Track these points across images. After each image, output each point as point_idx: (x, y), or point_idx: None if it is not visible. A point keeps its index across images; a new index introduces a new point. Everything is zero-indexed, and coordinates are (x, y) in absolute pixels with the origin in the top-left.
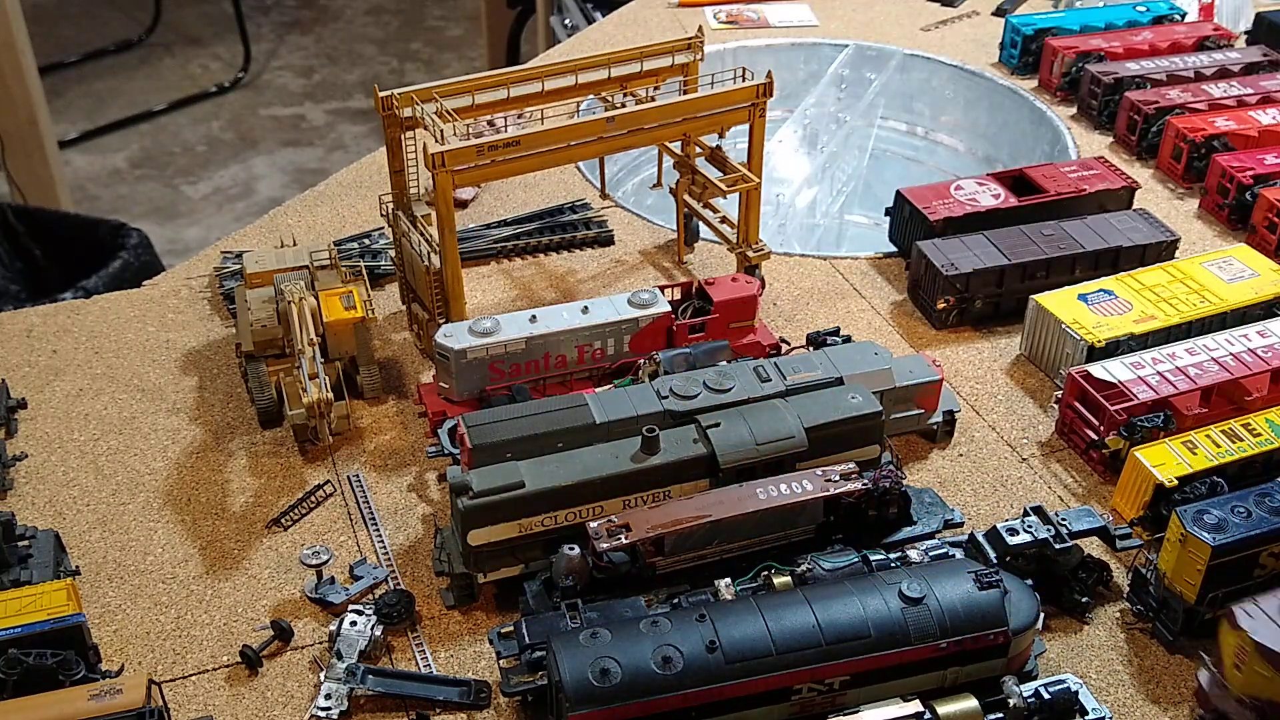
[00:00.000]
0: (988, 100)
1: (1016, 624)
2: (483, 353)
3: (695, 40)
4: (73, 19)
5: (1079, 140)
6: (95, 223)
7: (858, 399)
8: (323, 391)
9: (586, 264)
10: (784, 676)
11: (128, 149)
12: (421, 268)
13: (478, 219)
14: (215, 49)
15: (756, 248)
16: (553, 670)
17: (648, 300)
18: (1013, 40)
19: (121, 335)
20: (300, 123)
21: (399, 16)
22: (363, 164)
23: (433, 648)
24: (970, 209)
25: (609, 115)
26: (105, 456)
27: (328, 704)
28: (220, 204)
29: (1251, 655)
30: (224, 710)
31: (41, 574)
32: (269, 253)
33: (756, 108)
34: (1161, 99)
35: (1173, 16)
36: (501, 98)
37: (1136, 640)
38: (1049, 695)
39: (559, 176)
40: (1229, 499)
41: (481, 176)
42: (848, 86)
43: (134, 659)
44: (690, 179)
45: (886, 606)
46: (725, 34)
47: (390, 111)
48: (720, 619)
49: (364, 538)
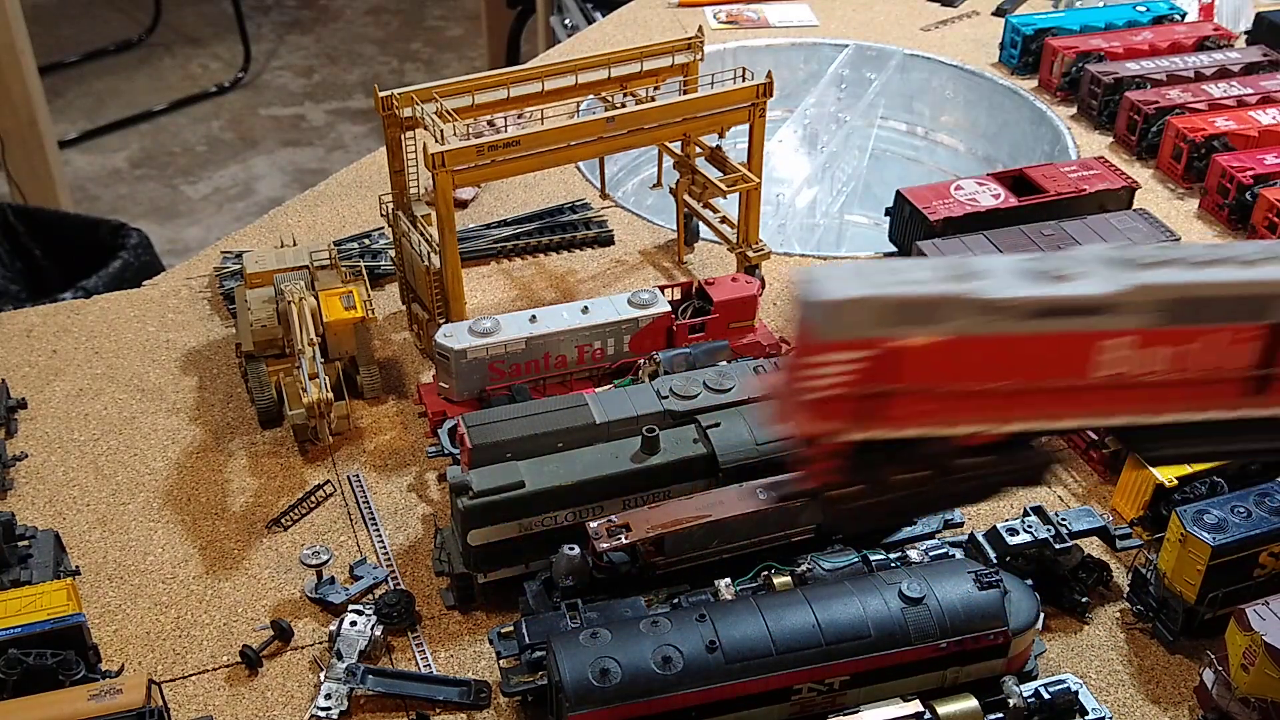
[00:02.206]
0: (988, 100)
1: (1016, 624)
2: (483, 353)
3: (695, 40)
4: (73, 19)
5: (1079, 140)
6: (95, 223)
7: None
8: (323, 391)
9: (586, 264)
10: (784, 676)
11: (128, 149)
12: (421, 268)
13: (478, 219)
14: (215, 49)
15: (756, 248)
16: (553, 670)
17: (648, 300)
18: (1013, 40)
19: (121, 335)
20: (300, 123)
21: (399, 16)
22: (363, 164)
23: (433, 648)
24: (970, 209)
25: (609, 115)
26: (105, 456)
27: (328, 704)
28: (220, 204)
29: (1261, 657)
30: (224, 710)
31: (41, 574)
32: (269, 253)
33: (756, 108)
34: (1161, 99)
35: (1173, 16)
36: (501, 98)
37: (1136, 640)
38: (1049, 695)
39: (559, 176)
40: (1229, 499)
41: (481, 176)
42: (848, 86)
43: (134, 659)
44: (690, 179)
45: (886, 606)
46: (725, 34)
47: (390, 111)
48: (720, 619)
49: (364, 538)
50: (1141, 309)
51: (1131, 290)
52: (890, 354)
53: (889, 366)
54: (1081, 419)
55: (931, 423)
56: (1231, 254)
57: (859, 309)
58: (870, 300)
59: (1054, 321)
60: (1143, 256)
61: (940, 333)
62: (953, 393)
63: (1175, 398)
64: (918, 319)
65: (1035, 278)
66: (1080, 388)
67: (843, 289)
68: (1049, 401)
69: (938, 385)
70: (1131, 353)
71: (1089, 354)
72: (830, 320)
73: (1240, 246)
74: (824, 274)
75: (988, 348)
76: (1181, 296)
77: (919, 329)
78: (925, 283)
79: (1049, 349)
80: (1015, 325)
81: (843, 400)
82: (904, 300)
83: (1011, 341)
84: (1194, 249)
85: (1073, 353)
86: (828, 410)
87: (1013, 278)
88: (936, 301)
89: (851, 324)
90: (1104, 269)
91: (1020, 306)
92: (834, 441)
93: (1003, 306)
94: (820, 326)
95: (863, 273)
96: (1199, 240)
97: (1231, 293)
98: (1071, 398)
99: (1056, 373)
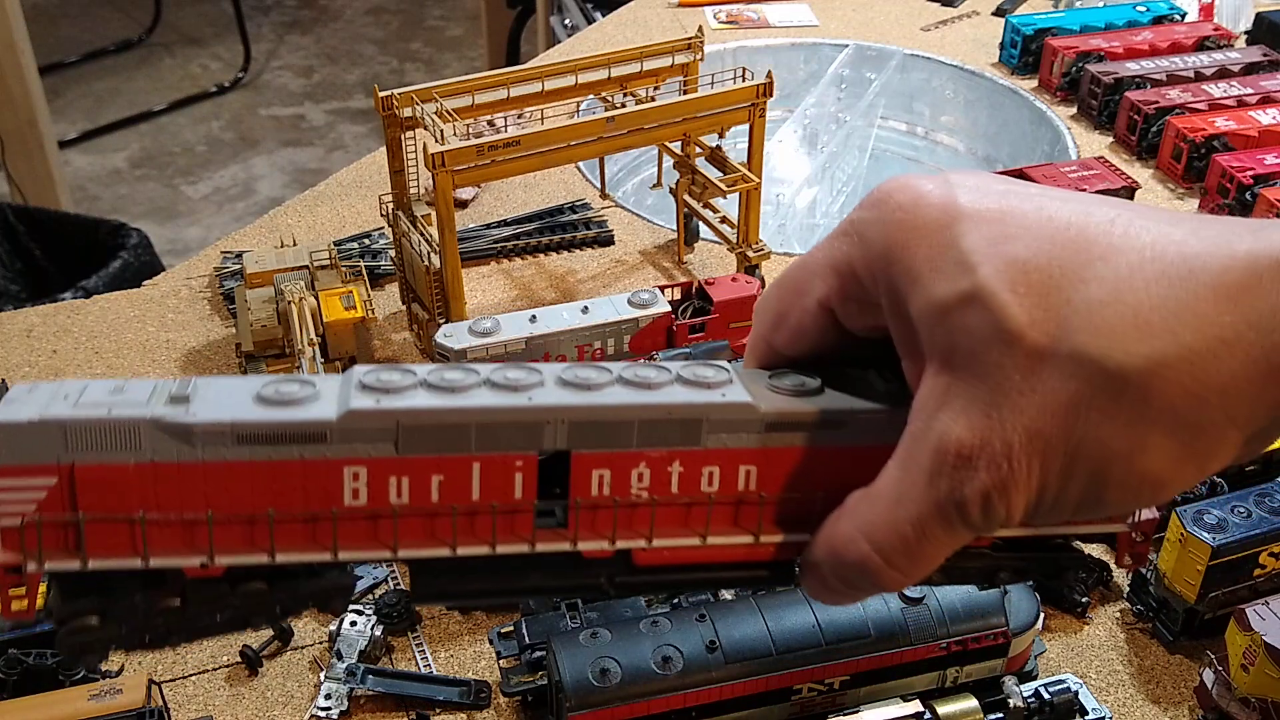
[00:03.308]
0: (988, 100)
1: (1016, 624)
2: (483, 353)
3: (695, 40)
4: (73, 19)
5: (1079, 140)
6: (95, 223)
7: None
8: None
9: (586, 264)
10: (784, 676)
11: (128, 149)
12: (421, 268)
13: (478, 219)
14: (215, 49)
15: (756, 248)
16: (553, 670)
17: (648, 300)
18: (1013, 40)
19: (121, 335)
20: (300, 123)
21: (399, 16)
22: (363, 164)
23: (433, 648)
24: None
25: (609, 115)
26: None
27: (328, 704)
28: (220, 204)
29: (1261, 657)
30: (224, 710)
31: None
32: (269, 253)
33: (756, 108)
34: (1161, 99)
35: (1173, 16)
36: (501, 98)
37: (1136, 640)
38: (1049, 695)
39: (559, 176)
40: (1229, 499)
41: (481, 176)
42: (848, 86)
43: (134, 659)
44: (690, 179)
45: (886, 606)
46: (725, 34)
47: (390, 111)
48: (720, 619)
49: None
50: (370, 436)
51: (347, 416)
52: (82, 480)
53: (82, 493)
54: (326, 551)
55: (136, 553)
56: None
57: (41, 431)
58: (52, 423)
59: (270, 449)
60: (386, 380)
61: (140, 458)
62: (161, 521)
63: (444, 532)
64: (112, 444)
65: (261, 402)
66: (324, 519)
67: (25, 411)
68: (291, 534)
69: (139, 512)
70: (380, 483)
71: (330, 483)
72: (10, 443)
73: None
74: (23, 393)
75: (202, 475)
76: (410, 425)
77: (113, 455)
78: (120, 405)
79: (279, 477)
80: (225, 452)
81: (30, 529)
82: (93, 423)
83: (228, 468)
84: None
85: (310, 481)
86: (18, 539)
87: (233, 400)
88: (131, 425)
89: (35, 448)
90: (340, 393)
91: (225, 432)
92: (28, 572)
93: (204, 432)
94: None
95: (59, 394)
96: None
97: (459, 420)
98: (314, 529)
99: (296, 503)
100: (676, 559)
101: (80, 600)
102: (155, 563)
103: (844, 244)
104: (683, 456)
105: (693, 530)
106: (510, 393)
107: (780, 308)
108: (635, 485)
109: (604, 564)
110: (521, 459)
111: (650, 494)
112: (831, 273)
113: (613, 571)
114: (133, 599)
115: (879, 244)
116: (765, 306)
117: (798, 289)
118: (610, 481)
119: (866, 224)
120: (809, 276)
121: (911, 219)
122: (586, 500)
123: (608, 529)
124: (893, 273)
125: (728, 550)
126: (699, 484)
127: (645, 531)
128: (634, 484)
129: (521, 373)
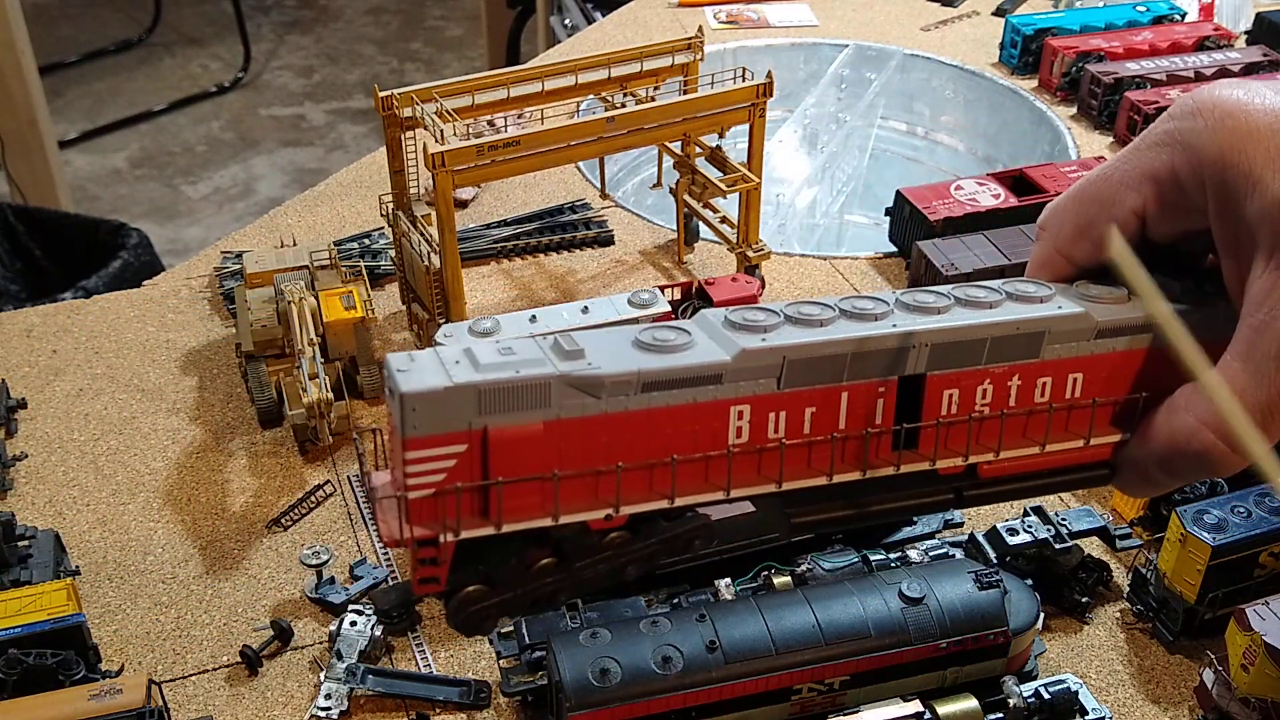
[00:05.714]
0: (988, 100)
1: (1016, 624)
2: None
3: (695, 40)
4: (73, 19)
5: (1079, 140)
6: (95, 223)
7: None
8: (323, 391)
9: (586, 264)
10: (784, 676)
11: (128, 149)
12: (421, 268)
13: (478, 219)
14: (215, 49)
15: (756, 248)
16: (553, 670)
17: (648, 300)
18: (1013, 40)
19: (121, 335)
20: (300, 123)
21: (399, 16)
22: (363, 164)
23: (433, 648)
24: (970, 209)
25: (609, 115)
26: (105, 456)
27: (328, 704)
28: (220, 204)
29: (1261, 657)
30: (224, 710)
31: (41, 574)
32: (269, 253)
33: (756, 108)
34: (1161, 99)
35: (1173, 16)
36: (501, 98)
37: (1136, 640)
38: (1049, 695)
39: (559, 176)
40: (1229, 499)
41: (481, 176)
42: (848, 86)
43: (134, 659)
44: (690, 179)
45: (886, 606)
46: (725, 34)
47: (390, 111)
48: (720, 619)
49: (364, 538)
50: (756, 374)
51: (741, 356)
52: (496, 443)
53: (495, 457)
54: (718, 490)
55: (546, 512)
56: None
57: (455, 398)
58: (467, 387)
59: (668, 394)
60: (752, 319)
61: (548, 416)
62: (570, 476)
63: (820, 461)
64: (522, 404)
65: (644, 349)
66: (715, 459)
67: (434, 378)
68: (684, 475)
69: (552, 470)
70: (761, 419)
71: (717, 423)
72: (426, 412)
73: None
74: (407, 362)
75: (605, 426)
76: (795, 359)
77: (524, 414)
78: (523, 365)
79: (671, 422)
80: (627, 402)
81: (446, 498)
82: (504, 384)
83: (628, 418)
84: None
85: (699, 423)
86: (430, 510)
87: (620, 351)
88: (541, 383)
89: (449, 415)
90: (717, 334)
91: (630, 382)
92: (443, 543)
93: (613, 383)
94: (415, 419)
95: (448, 359)
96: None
97: (837, 351)
98: (705, 469)
99: (685, 446)
100: (1018, 468)
101: (461, 571)
102: (564, 519)
103: (1163, 153)
104: (1021, 370)
105: (1031, 440)
106: (870, 321)
107: (1082, 221)
108: (979, 401)
109: (955, 479)
110: (884, 385)
111: (993, 409)
112: (1148, 181)
113: (962, 486)
114: (511, 562)
115: (1210, 149)
116: (1063, 220)
117: (1104, 200)
118: (958, 400)
119: (1193, 133)
120: (1117, 188)
121: (1245, 125)
122: (944, 419)
123: (961, 445)
124: (1227, 176)
125: (1060, 455)
126: (1033, 395)
127: (993, 445)
128: (978, 400)
129: (869, 302)
